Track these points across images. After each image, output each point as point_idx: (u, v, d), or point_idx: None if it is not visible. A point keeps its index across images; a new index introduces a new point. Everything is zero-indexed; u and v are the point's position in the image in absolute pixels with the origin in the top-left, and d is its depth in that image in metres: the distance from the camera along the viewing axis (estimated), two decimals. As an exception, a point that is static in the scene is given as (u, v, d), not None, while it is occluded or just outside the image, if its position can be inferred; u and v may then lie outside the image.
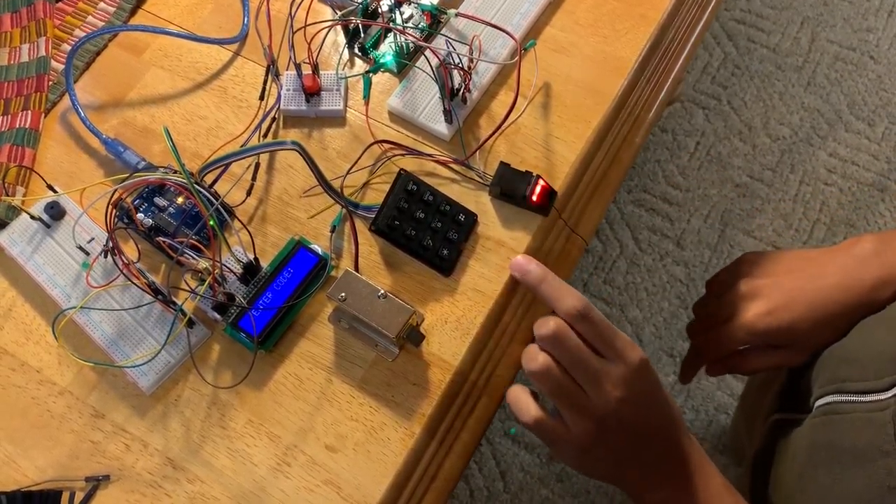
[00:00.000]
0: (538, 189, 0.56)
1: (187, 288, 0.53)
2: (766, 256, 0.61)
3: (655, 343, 1.37)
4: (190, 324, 0.54)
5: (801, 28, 1.67)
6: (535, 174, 0.56)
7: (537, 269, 0.53)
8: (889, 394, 0.51)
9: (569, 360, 0.50)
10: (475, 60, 0.60)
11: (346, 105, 0.63)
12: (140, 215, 0.57)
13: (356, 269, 0.56)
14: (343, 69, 0.64)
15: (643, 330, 1.38)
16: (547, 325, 0.50)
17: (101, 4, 0.68)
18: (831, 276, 0.57)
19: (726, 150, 1.55)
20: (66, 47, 0.66)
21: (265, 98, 0.63)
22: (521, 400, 0.53)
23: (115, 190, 0.52)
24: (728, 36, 1.67)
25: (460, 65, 0.58)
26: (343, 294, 0.52)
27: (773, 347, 0.60)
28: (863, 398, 0.53)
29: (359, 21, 0.63)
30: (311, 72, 0.61)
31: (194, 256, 0.53)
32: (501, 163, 0.57)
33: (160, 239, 0.54)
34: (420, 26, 0.64)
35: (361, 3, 0.63)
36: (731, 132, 1.56)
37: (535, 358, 0.51)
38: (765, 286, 0.58)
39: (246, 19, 0.66)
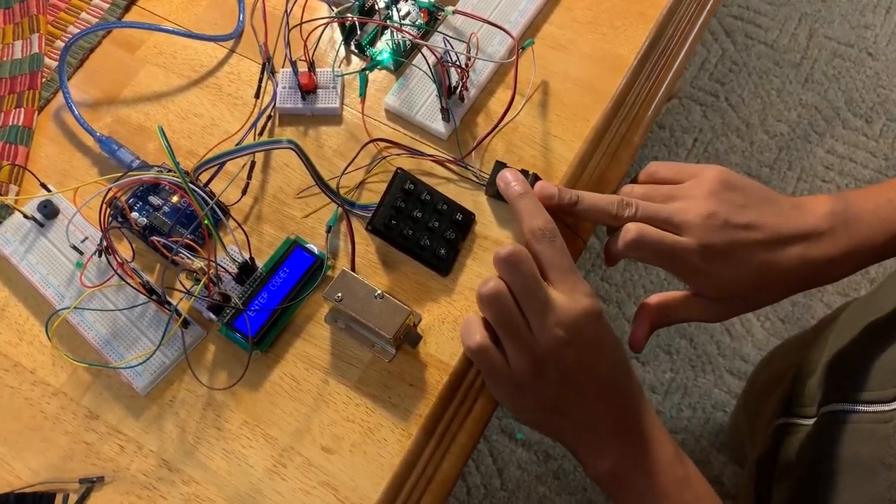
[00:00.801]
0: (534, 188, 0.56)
1: (182, 288, 0.52)
2: (739, 185, 0.54)
3: (653, 340, 1.36)
4: (185, 324, 0.54)
5: (799, 24, 1.67)
6: (531, 173, 0.56)
7: (521, 184, 0.53)
8: (894, 405, 0.50)
9: (520, 286, 0.48)
10: (473, 59, 0.59)
11: (342, 103, 0.62)
12: (134, 214, 0.57)
13: (353, 268, 0.56)
14: (339, 66, 0.63)
15: (640, 327, 1.38)
16: (506, 247, 0.48)
17: (95, 0, 0.67)
18: (793, 248, 0.53)
19: (724, 146, 1.55)
20: (60, 44, 0.65)
21: (261, 96, 0.62)
22: (472, 323, 0.50)
23: (109, 189, 0.52)
24: (726, 32, 1.66)
25: (458, 63, 0.58)
26: (339, 294, 0.52)
27: (701, 297, 0.56)
28: (867, 408, 0.53)
29: (355, 18, 0.63)
30: (306, 69, 0.61)
31: (189, 256, 0.53)
32: (497, 162, 0.56)
33: (155, 238, 0.54)
34: (417, 23, 0.63)
35: (358, 0, 0.62)
36: (728, 129, 1.56)
37: (487, 282, 0.48)
38: (726, 220, 0.52)
39: (241, 16, 0.66)
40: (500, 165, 0.56)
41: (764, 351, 1.36)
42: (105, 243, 0.52)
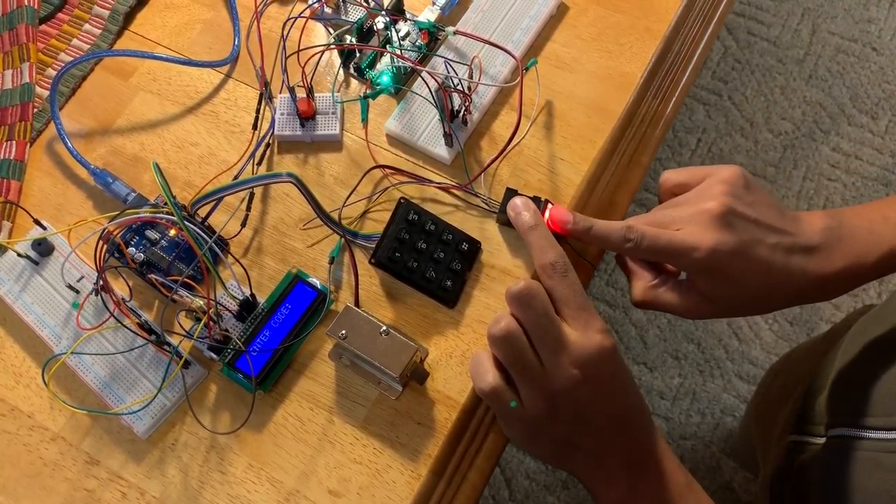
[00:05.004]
0: (547, 214, 0.54)
1: (182, 329, 0.51)
2: (753, 186, 0.53)
3: (660, 346, 1.35)
4: (185, 364, 0.52)
5: (802, 20, 1.65)
6: (543, 199, 0.54)
7: (532, 215, 0.51)
8: None
9: (533, 323, 0.46)
10: (476, 84, 0.57)
11: (342, 129, 0.60)
12: (131, 249, 0.55)
13: (356, 302, 0.54)
14: (339, 91, 0.62)
15: (647, 332, 1.36)
16: (518, 283, 0.46)
17: (86, 26, 0.65)
18: (795, 257, 0.51)
19: (728, 146, 1.53)
20: (51, 72, 0.64)
21: (259, 126, 0.60)
22: (483, 364, 0.48)
23: (105, 228, 0.50)
24: (728, 29, 1.64)
25: (460, 87, 0.56)
26: (344, 331, 0.50)
27: (693, 289, 0.53)
28: (873, 434, 0.52)
29: (354, 45, 0.61)
30: (305, 95, 0.59)
31: (189, 295, 0.51)
32: (508, 189, 0.55)
33: (153, 276, 0.52)
34: (417, 44, 0.62)
35: (356, 23, 0.60)
36: (732, 128, 1.54)
37: (498, 321, 0.47)
38: (737, 229, 0.50)
39: (237, 40, 0.64)
40: (510, 193, 0.54)
41: (773, 354, 1.34)
42: (101, 283, 0.51)
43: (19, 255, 0.55)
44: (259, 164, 0.59)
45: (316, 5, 0.62)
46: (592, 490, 0.51)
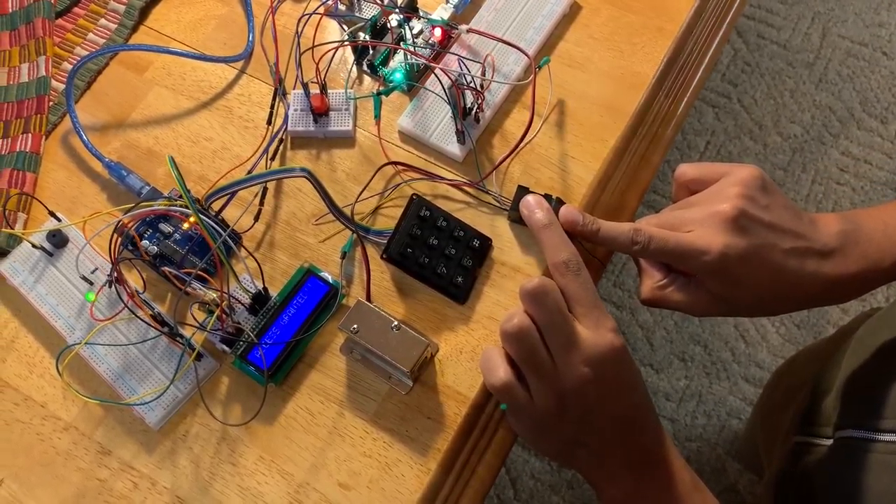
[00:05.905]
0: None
1: (195, 322, 0.51)
2: (771, 189, 0.52)
3: (666, 347, 1.35)
4: (198, 356, 0.53)
5: (812, 23, 1.64)
6: (555, 197, 0.55)
7: (545, 214, 0.51)
8: None
9: (546, 320, 0.47)
10: (488, 81, 0.58)
11: (355, 125, 0.61)
12: (145, 242, 0.56)
13: (368, 297, 0.55)
14: (352, 87, 0.62)
15: (654, 334, 1.36)
16: (532, 280, 0.46)
17: (102, 21, 0.66)
18: (810, 261, 0.51)
19: (737, 149, 1.53)
20: (67, 66, 0.64)
21: (272, 122, 0.61)
22: (493, 360, 0.49)
23: (120, 221, 0.51)
24: (738, 32, 1.64)
25: (472, 85, 0.56)
26: (355, 326, 0.51)
27: (703, 288, 0.53)
28: (882, 437, 0.52)
29: (368, 42, 0.61)
30: (318, 91, 0.59)
31: (202, 288, 0.52)
32: (520, 186, 0.55)
33: (166, 269, 0.53)
34: (430, 42, 0.62)
35: (370, 20, 0.61)
36: (741, 131, 1.54)
37: (511, 318, 0.47)
38: (745, 230, 0.50)
39: (251, 36, 0.64)
40: (522, 190, 0.55)
41: (779, 357, 1.34)
42: (115, 275, 0.51)
43: (34, 246, 0.56)
44: (272, 159, 0.60)
45: (330, 2, 0.63)
46: (597, 488, 0.51)
